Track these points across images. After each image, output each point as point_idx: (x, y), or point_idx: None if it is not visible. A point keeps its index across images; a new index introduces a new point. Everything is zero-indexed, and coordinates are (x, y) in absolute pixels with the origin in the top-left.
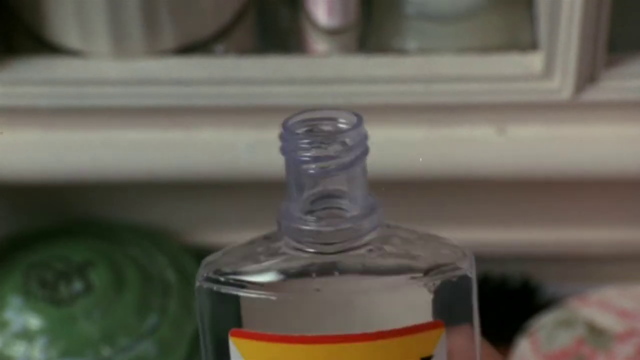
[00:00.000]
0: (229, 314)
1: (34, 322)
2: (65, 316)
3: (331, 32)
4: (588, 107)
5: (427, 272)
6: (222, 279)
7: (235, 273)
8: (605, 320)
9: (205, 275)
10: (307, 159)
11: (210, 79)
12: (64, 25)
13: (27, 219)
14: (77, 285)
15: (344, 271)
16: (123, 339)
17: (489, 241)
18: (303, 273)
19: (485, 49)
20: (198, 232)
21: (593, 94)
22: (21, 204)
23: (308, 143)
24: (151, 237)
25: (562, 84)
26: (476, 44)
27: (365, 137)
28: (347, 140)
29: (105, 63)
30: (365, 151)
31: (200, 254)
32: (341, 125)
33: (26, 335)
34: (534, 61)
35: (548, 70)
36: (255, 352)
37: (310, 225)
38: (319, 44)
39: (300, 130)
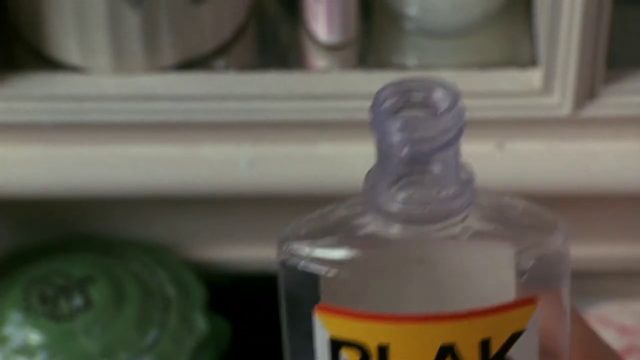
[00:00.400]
0: (312, 290)
1: (34, 337)
2: (66, 331)
3: (331, 48)
4: (587, 123)
5: (521, 248)
6: (305, 254)
7: (318, 248)
8: (605, 336)
9: (287, 250)
10: (399, 141)
11: (210, 94)
12: (64, 41)
13: (28, 234)
14: (77, 301)
15: (435, 250)
16: (123, 354)
17: None
18: (390, 251)
19: (485, 65)
20: (198, 246)
21: (592, 110)
22: (21, 219)
23: (401, 124)
24: (151, 251)
25: (561, 100)
26: (475, 60)
27: (462, 115)
28: (443, 121)
29: (105, 79)
30: (462, 129)
31: (200, 268)
32: (437, 102)
33: (26, 351)
34: (534, 77)
35: (547, 87)
36: (341, 328)
37: (400, 204)
38: (319, 60)
39: (392, 104)
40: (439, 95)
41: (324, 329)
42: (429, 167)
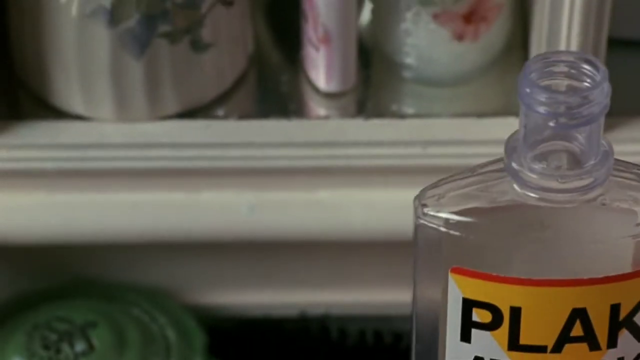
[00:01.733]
0: (451, 252)
1: None
2: None
3: (330, 96)
4: None
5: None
6: (445, 217)
7: (458, 213)
8: None
9: (427, 212)
10: (547, 113)
11: (211, 142)
12: (68, 91)
13: (30, 280)
14: (80, 346)
15: (560, 217)
16: None
17: None
18: (528, 220)
19: (482, 113)
20: (198, 291)
21: None
22: (24, 264)
23: (549, 97)
24: (152, 297)
25: None
26: (473, 109)
27: (607, 91)
28: (591, 96)
29: (108, 126)
30: (606, 105)
31: (200, 313)
32: (584, 77)
33: None
34: None
35: None
36: (474, 289)
37: (539, 174)
38: (319, 108)
39: (540, 75)
40: (586, 70)
41: (457, 289)
42: (571, 140)
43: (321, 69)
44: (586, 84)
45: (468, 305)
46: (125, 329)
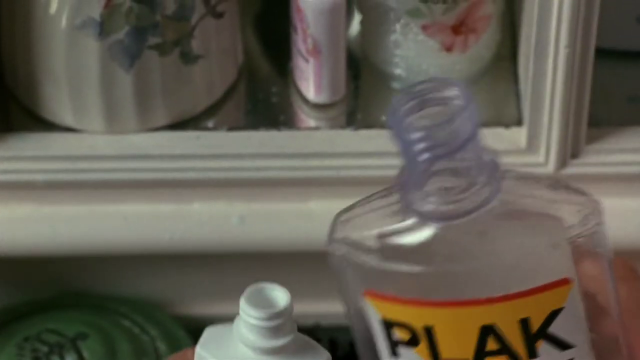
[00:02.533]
0: (364, 278)
1: None
2: None
3: (320, 108)
4: (572, 181)
5: (562, 236)
6: (351, 242)
7: (363, 238)
8: None
9: (334, 237)
10: (419, 149)
11: (202, 153)
12: (58, 104)
13: (21, 292)
14: (70, 358)
15: (471, 241)
16: None
17: None
18: (432, 246)
19: None
20: (189, 303)
21: (575, 168)
22: (15, 276)
23: (418, 132)
24: (142, 308)
25: (545, 159)
26: None
27: (475, 112)
28: (456, 123)
29: (98, 138)
30: (477, 126)
31: (191, 324)
32: (450, 102)
33: None
34: (519, 136)
35: (532, 145)
36: (389, 311)
37: (433, 204)
38: (308, 119)
39: (406, 111)
40: (451, 95)
41: (374, 310)
42: (453, 165)
43: (311, 80)
44: (452, 108)
45: (387, 324)
46: (116, 340)
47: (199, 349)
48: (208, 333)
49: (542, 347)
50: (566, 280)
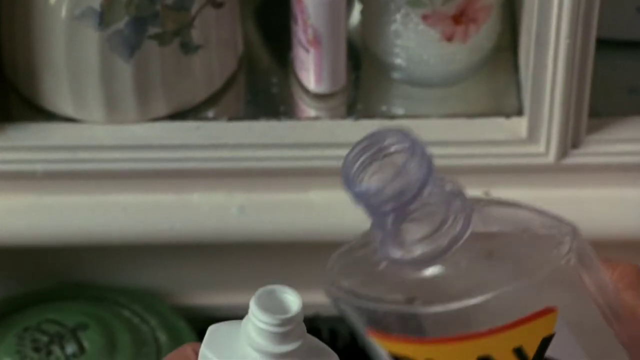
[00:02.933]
0: (364, 318)
1: None
2: None
3: (320, 98)
4: (571, 171)
5: (539, 276)
6: (353, 295)
7: (347, 286)
8: None
9: (336, 288)
10: (377, 204)
11: (202, 143)
12: (58, 94)
13: (20, 282)
14: (70, 348)
15: (453, 281)
16: None
17: None
18: (410, 297)
19: (472, 114)
20: (189, 293)
21: (576, 158)
22: (15, 267)
23: (371, 189)
24: (142, 299)
25: (546, 149)
26: (462, 109)
27: (425, 156)
28: (407, 171)
29: (98, 128)
30: (430, 168)
31: (191, 315)
32: (397, 152)
33: None
34: (519, 126)
35: (532, 135)
36: (393, 346)
37: (412, 254)
38: (309, 109)
39: (357, 169)
40: (396, 145)
41: (379, 346)
42: (417, 212)
43: (311, 70)
44: (400, 158)
45: (394, 357)
46: (116, 331)
47: (203, 348)
48: (212, 332)
49: None
50: (550, 310)
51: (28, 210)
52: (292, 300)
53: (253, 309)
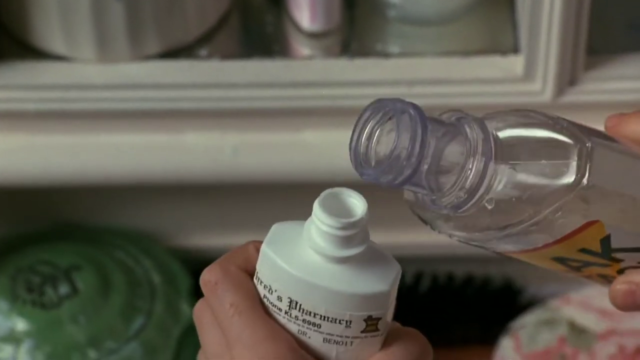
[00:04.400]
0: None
1: (21, 325)
2: (52, 319)
3: (314, 36)
4: (568, 109)
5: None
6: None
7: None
8: (587, 319)
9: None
10: (388, 180)
11: (195, 82)
12: (49, 32)
13: (13, 224)
14: (64, 289)
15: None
16: (109, 342)
17: None
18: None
19: (467, 52)
20: (183, 234)
21: (573, 96)
22: (7, 208)
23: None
24: (136, 240)
25: (542, 87)
26: (458, 47)
27: (419, 122)
28: (401, 148)
29: (90, 68)
30: (420, 135)
31: (185, 256)
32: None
33: (13, 339)
34: (516, 64)
35: (529, 73)
36: None
37: (444, 205)
38: (303, 48)
39: (363, 150)
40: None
41: None
42: (437, 166)
43: (305, 7)
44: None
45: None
46: (110, 272)
47: (264, 245)
48: (275, 231)
49: (619, 255)
50: (591, 223)
51: (19, 151)
52: (357, 204)
53: (317, 211)
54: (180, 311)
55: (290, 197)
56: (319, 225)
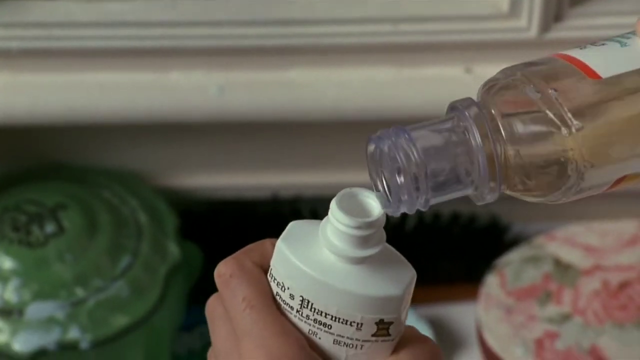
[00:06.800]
0: None
1: (7, 264)
2: (39, 258)
3: None
4: (554, 46)
5: None
6: None
7: None
8: (571, 256)
9: None
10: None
11: (180, 20)
12: None
13: None
14: (50, 228)
15: None
16: (96, 280)
17: None
18: None
19: None
20: (169, 174)
21: (559, 33)
22: None
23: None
24: (123, 179)
25: (528, 23)
26: None
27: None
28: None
29: (75, 5)
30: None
31: (171, 196)
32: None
33: (0, 277)
34: (501, 0)
35: (514, 10)
36: None
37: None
38: None
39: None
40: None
41: None
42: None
43: None
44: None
45: None
46: (96, 211)
47: (280, 242)
48: (292, 228)
49: None
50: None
51: (4, 90)
52: (374, 205)
53: (333, 210)
54: (167, 250)
55: (276, 136)
56: (335, 224)
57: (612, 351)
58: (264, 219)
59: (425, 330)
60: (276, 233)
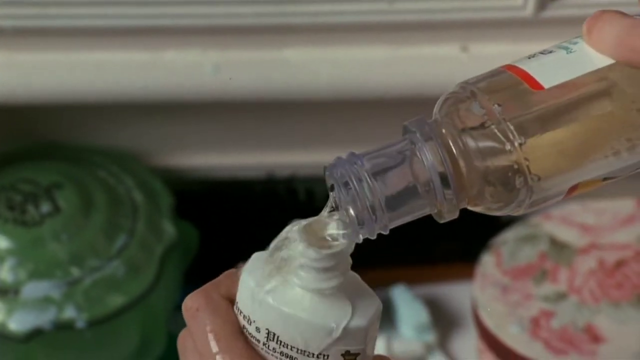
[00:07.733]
0: None
1: (3, 243)
2: (34, 237)
3: None
4: (550, 24)
5: None
6: None
7: None
8: (567, 235)
9: None
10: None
11: None
12: None
13: None
14: (45, 207)
15: None
16: (92, 260)
17: None
18: None
19: None
20: (165, 153)
21: (555, 11)
22: None
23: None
24: (118, 159)
25: (524, 1)
26: None
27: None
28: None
29: None
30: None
31: (167, 175)
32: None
33: None
34: None
35: None
36: None
37: None
38: None
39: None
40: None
41: None
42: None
43: None
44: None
45: None
46: (92, 191)
47: (243, 274)
48: (255, 259)
49: None
50: None
51: None
52: (336, 234)
53: (296, 242)
54: (163, 230)
55: (271, 115)
56: (298, 256)
57: (607, 330)
58: (260, 198)
59: (421, 309)
60: (271, 212)
